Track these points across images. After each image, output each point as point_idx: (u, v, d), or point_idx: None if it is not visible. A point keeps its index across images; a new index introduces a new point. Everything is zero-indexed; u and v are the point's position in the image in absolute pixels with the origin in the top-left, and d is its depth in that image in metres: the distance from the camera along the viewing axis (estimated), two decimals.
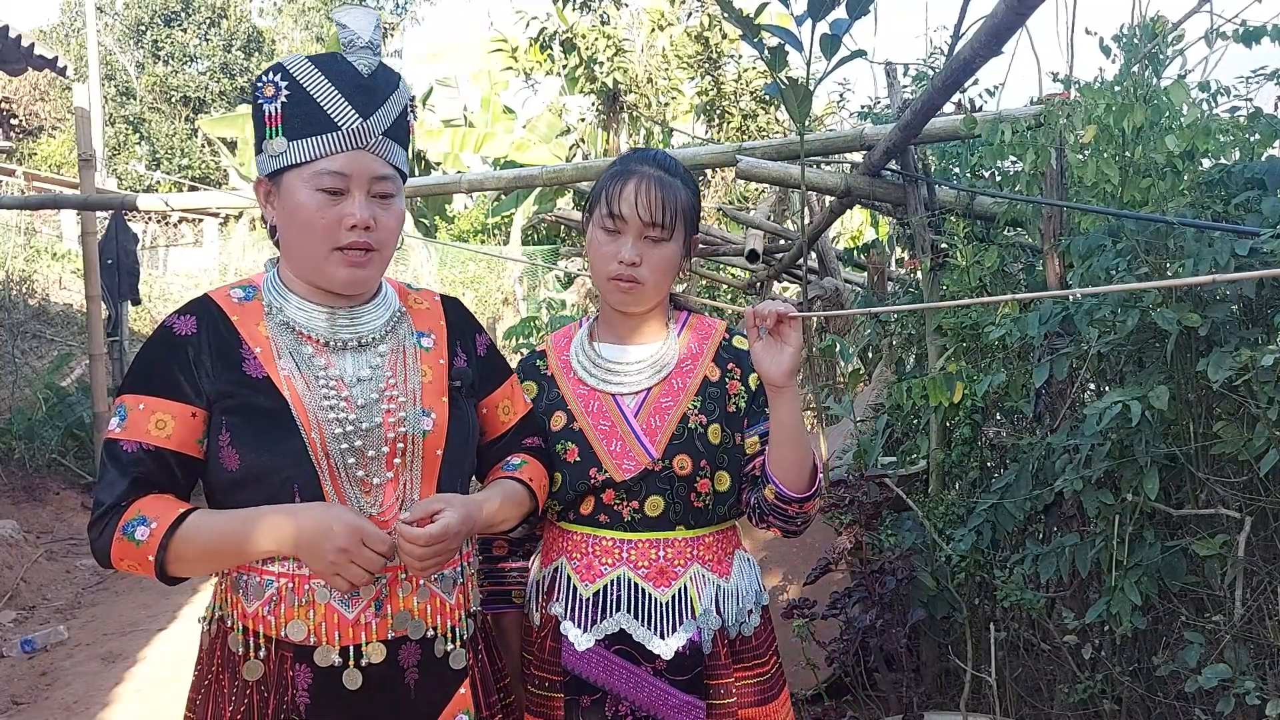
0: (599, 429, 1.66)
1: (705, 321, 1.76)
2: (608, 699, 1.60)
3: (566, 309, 12.92)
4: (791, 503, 1.57)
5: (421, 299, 1.61)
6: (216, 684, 1.43)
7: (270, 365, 1.42)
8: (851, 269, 6.01)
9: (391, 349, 1.49)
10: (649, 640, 1.60)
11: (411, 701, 1.42)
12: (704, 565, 1.65)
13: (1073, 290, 2.30)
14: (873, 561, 2.80)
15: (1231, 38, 2.42)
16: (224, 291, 1.50)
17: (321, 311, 1.47)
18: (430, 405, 1.48)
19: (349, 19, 1.42)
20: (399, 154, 1.46)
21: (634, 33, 9.64)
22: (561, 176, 4.40)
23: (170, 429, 1.39)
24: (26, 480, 6.52)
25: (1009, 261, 3.15)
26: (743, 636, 1.68)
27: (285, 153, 1.40)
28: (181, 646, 4.20)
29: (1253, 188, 2.22)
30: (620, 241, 1.62)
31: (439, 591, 1.45)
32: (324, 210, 1.39)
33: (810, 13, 2.07)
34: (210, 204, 7.67)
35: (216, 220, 17.02)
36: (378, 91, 1.41)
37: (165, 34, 23.32)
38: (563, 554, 1.68)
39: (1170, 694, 2.35)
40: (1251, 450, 2.06)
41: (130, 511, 1.37)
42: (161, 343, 1.44)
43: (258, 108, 1.43)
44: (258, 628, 1.39)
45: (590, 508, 1.66)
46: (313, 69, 1.40)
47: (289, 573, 1.39)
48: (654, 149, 1.73)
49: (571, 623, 1.63)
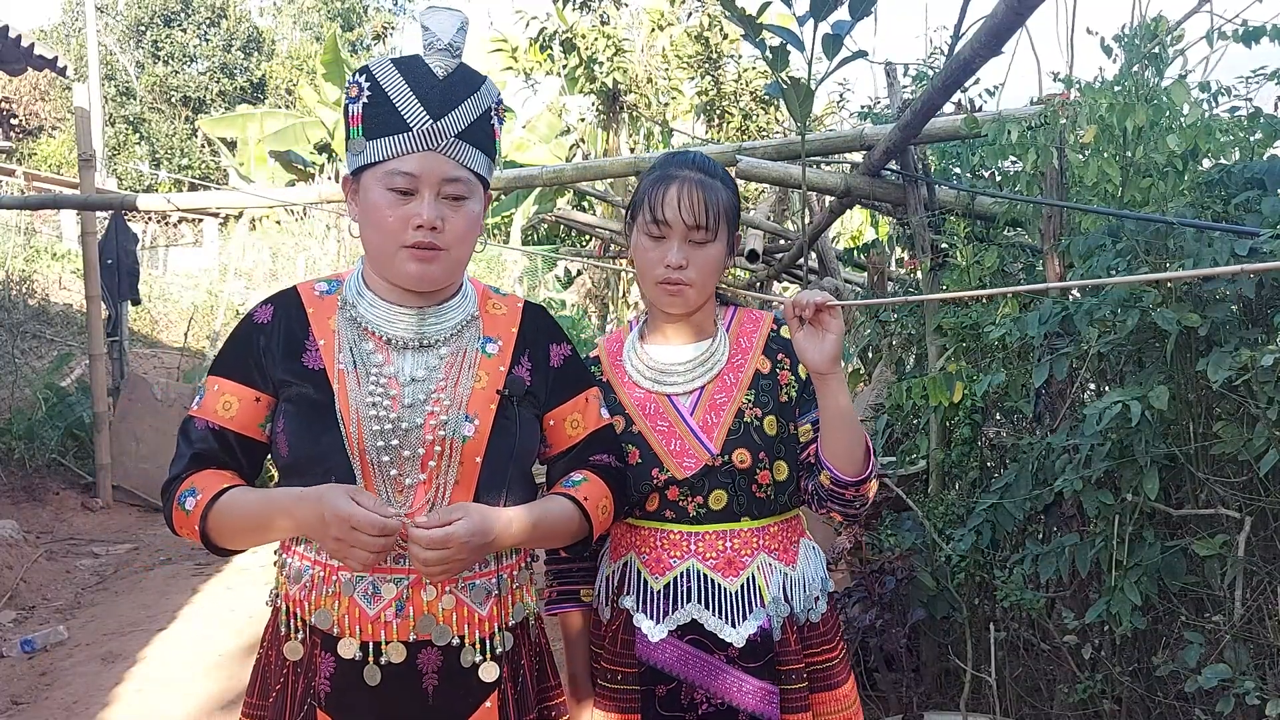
0: (657, 430, 1.69)
1: (752, 314, 1.79)
2: (683, 688, 1.65)
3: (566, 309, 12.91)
4: (848, 487, 1.58)
5: (502, 304, 1.60)
6: (267, 659, 1.49)
7: (329, 358, 1.46)
8: (851, 269, 6.01)
9: (452, 351, 1.50)
10: (720, 629, 1.64)
11: (429, 707, 1.42)
12: (770, 554, 1.69)
13: (1071, 283, 2.30)
14: (873, 561, 2.81)
15: (1232, 38, 2.42)
16: (310, 284, 1.56)
17: (394, 309, 1.49)
18: (475, 411, 1.46)
19: (432, 21, 1.43)
20: (476, 157, 1.46)
21: (634, 33, 9.63)
22: (562, 176, 4.40)
23: (235, 410, 1.47)
24: (26, 480, 6.51)
25: (1009, 261, 3.15)
26: (810, 623, 1.72)
27: (364, 152, 1.43)
28: (181, 646, 4.20)
29: (1253, 188, 2.22)
30: (665, 246, 1.65)
31: (467, 600, 1.44)
32: (394, 209, 1.41)
33: (812, 13, 2.08)
34: (210, 204, 7.67)
35: (216, 220, 17.02)
36: (452, 93, 1.42)
37: (165, 34, 23.32)
38: (631, 549, 1.71)
39: (1170, 694, 2.35)
40: (1251, 450, 2.06)
41: (186, 483, 1.45)
42: (242, 328, 1.51)
43: (345, 108, 1.47)
44: (296, 610, 1.44)
45: (656, 504, 1.69)
46: (393, 70, 1.43)
47: (323, 560, 1.43)
48: (692, 151, 1.75)
49: (644, 615, 1.66)
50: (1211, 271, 1.49)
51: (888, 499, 3.15)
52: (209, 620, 4.51)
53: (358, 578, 1.41)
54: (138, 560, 5.68)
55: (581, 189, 9.35)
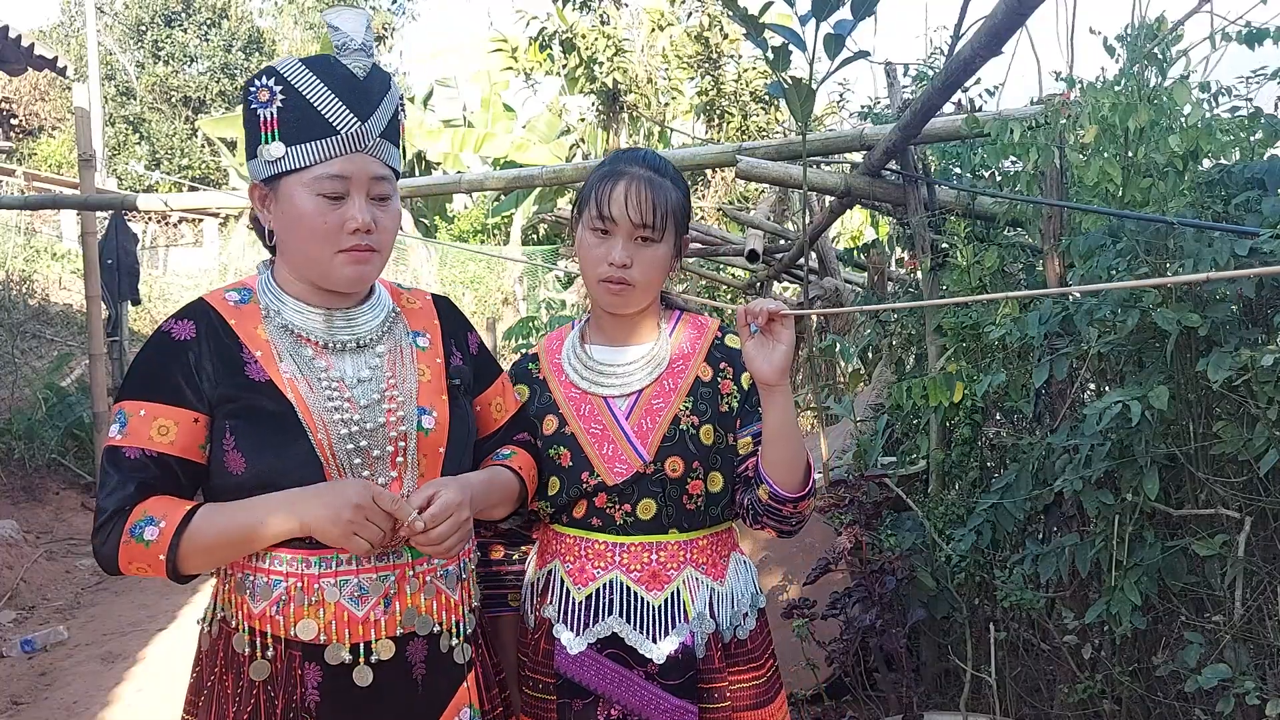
0: (590, 432, 1.65)
1: (698, 320, 1.75)
2: (600, 702, 1.60)
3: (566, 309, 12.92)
4: (786, 503, 1.56)
5: (414, 298, 1.62)
6: (220, 685, 1.43)
7: (272, 368, 1.42)
8: (851, 269, 6.01)
9: (389, 349, 1.50)
10: (641, 644, 1.59)
11: (419, 696, 1.44)
12: (698, 568, 1.64)
13: (1071, 288, 2.30)
14: (873, 561, 2.80)
15: (1235, 38, 2.42)
16: (219, 295, 1.50)
17: (318, 313, 1.47)
18: (430, 404, 1.49)
19: (340, 21, 1.41)
20: (394, 154, 1.47)
21: (634, 33, 9.63)
22: (562, 176, 4.40)
23: (173, 435, 1.39)
24: (26, 480, 6.51)
25: (1009, 261, 3.15)
26: (738, 640, 1.67)
27: (283, 158, 1.39)
28: (181, 646, 4.20)
29: (1253, 188, 2.22)
30: (610, 243, 1.61)
31: (444, 588, 1.47)
32: (325, 214, 1.40)
33: (814, 12, 2.07)
34: (210, 204, 7.67)
35: (216, 220, 17.03)
36: (373, 93, 1.42)
37: (165, 34, 23.32)
38: (556, 557, 1.68)
39: (1170, 694, 2.35)
40: (1251, 450, 2.06)
41: (136, 514, 1.36)
42: (160, 348, 1.43)
43: (251, 112, 1.42)
44: (265, 628, 1.40)
45: (583, 511, 1.65)
46: (307, 72, 1.40)
47: (297, 573, 1.40)
48: (642, 149, 1.73)
49: (564, 626, 1.62)
50: (1214, 276, 1.49)
51: (888, 499, 3.15)
52: None
53: (343, 581, 1.40)
54: None
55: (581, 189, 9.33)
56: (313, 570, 1.40)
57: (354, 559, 1.40)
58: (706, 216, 9.05)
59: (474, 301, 14.13)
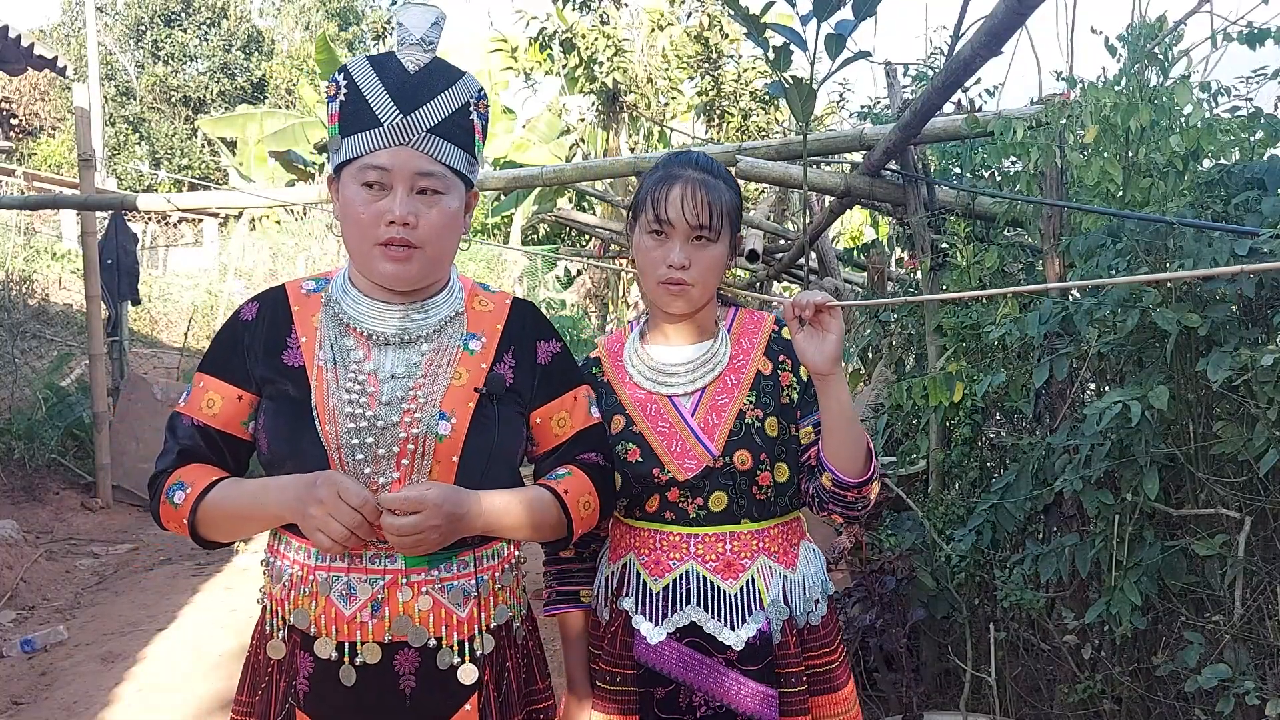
0: (658, 430, 1.68)
1: (754, 315, 1.79)
2: (681, 690, 1.65)
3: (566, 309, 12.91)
4: (850, 489, 1.58)
5: (489, 301, 1.58)
6: (255, 658, 1.51)
7: (309, 355, 1.46)
8: (851, 269, 6.01)
9: (434, 348, 1.48)
10: (719, 632, 1.64)
11: (407, 709, 1.42)
12: (770, 557, 1.68)
13: (1070, 284, 2.30)
14: (873, 561, 2.81)
15: (1236, 38, 2.42)
16: (298, 282, 1.56)
17: (376, 305, 1.49)
18: (452, 409, 1.44)
19: (406, 17, 1.44)
20: (453, 152, 1.44)
21: (634, 33, 9.63)
22: (562, 176, 4.40)
23: (218, 408, 1.48)
24: (26, 480, 6.51)
25: (1009, 261, 3.15)
26: (810, 625, 1.71)
27: (341, 149, 1.44)
28: (181, 646, 4.20)
29: (1253, 188, 2.22)
30: (668, 246, 1.64)
31: (445, 601, 1.43)
32: (367, 205, 1.41)
33: (815, 12, 2.08)
34: (210, 204, 7.67)
35: (216, 220, 17.03)
36: (424, 88, 1.42)
37: (165, 34, 23.33)
38: (630, 550, 1.71)
39: (1170, 694, 2.35)
40: (1251, 450, 2.06)
41: (174, 477, 1.46)
42: (228, 326, 1.52)
43: (327, 108, 1.48)
44: (279, 609, 1.45)
45: (655, 505, 1.69)
46: (367, 68, 1.43)
47: (300, 560, 1.44)
48: (694, 151, 1.74)
49: (643, 617, 1.66)
50: (1212, 272, 1.49)
51: (888, 499, 3.15)
52: (209, 620, 4.51)
53: (334, 577, 1.41)
54: (138, 560, 5.68)
55: (581, 189, 9.35)
56: (311, 560, 1.43)
57: (346, 556, 1.41)
58: None
59: None
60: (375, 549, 1.42)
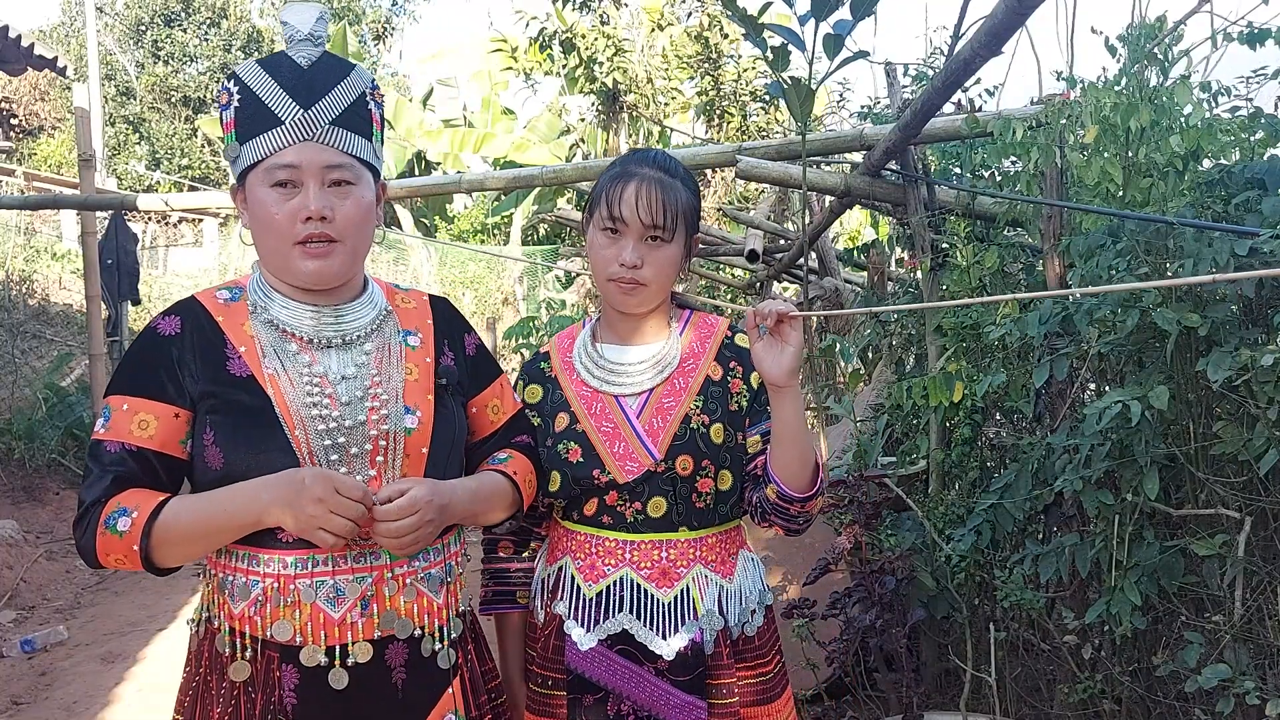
0: (602, 430, 1.66)
1: (707, 320, 1.76)
2: (610, 698, 1.62)
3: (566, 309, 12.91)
4: (794, 502, 1.57)
5: (409, 298, 1.61)
6: (204, 685, 1.43)
7: (255, 364, 1.42)
8: (851, 269, 6.01)
9: (377, 347, 1.49)
10: (651, 640, 1.61)
11: (399, 701, 1.42)
12: (707, 566, 1.66)
13: (1072, 290, 2.30)
14: (873, 561, 2.80)
15: (1236, 39, 2.42)
16: (210, 293, 1.51)
17: (306, 309, 1.47)
18: (415, 403, 1.47)
19: (290, 14, 1.43)
20: (358, 143, 1.43)
21: (634, 33, 9.64)
22: (562, 176, 4.39)
23: (153, 429, 1.39)
24: (26, 480, 6.51)
25: (1009, 261, 3.15)
26: (745, 636, 1.69)
27: (241, 155, 1.41)
28: (181, 646, 4.19)
29: (1253, 188, 2.22)
30: (621, 243, 1.62)
31: (426, 590, 1.45)
32: (279, 205, 1.39)
33: (813, 12, 2.08)
34: (210, 204, 7.67)
35: (216, 220, 17.02)
36: (318, 81, 1.41)
37: (165, 34, 23.33)
38: (567, 554, 1.69)
39: (1170, 694, 2.35)
40: (1251, 450, 2.06)
41: (110, 505, 1.36)
42: (146, 343, 1.44)
43: (220, 118, 1.45)
44: (244, 628, 1.39)
45: (594, 509, 1.66)
46: (258, 70, 1.41)
47: (274, 573, 1.39)
48: (653, 149, 1.73)
49: (575, 622, 1.64)
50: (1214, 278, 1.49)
51: (888, 499, 3.14)
52: None
53: (319, 583, 1.39)
54: None
55: (581, 189, 9.34)
56: (289, 571, 1.39)
57: (330, 559, 1.39)
58: (706, 216, 9.04)
59: (474, 301, 14.13)
60: (358, 547, 1.41)
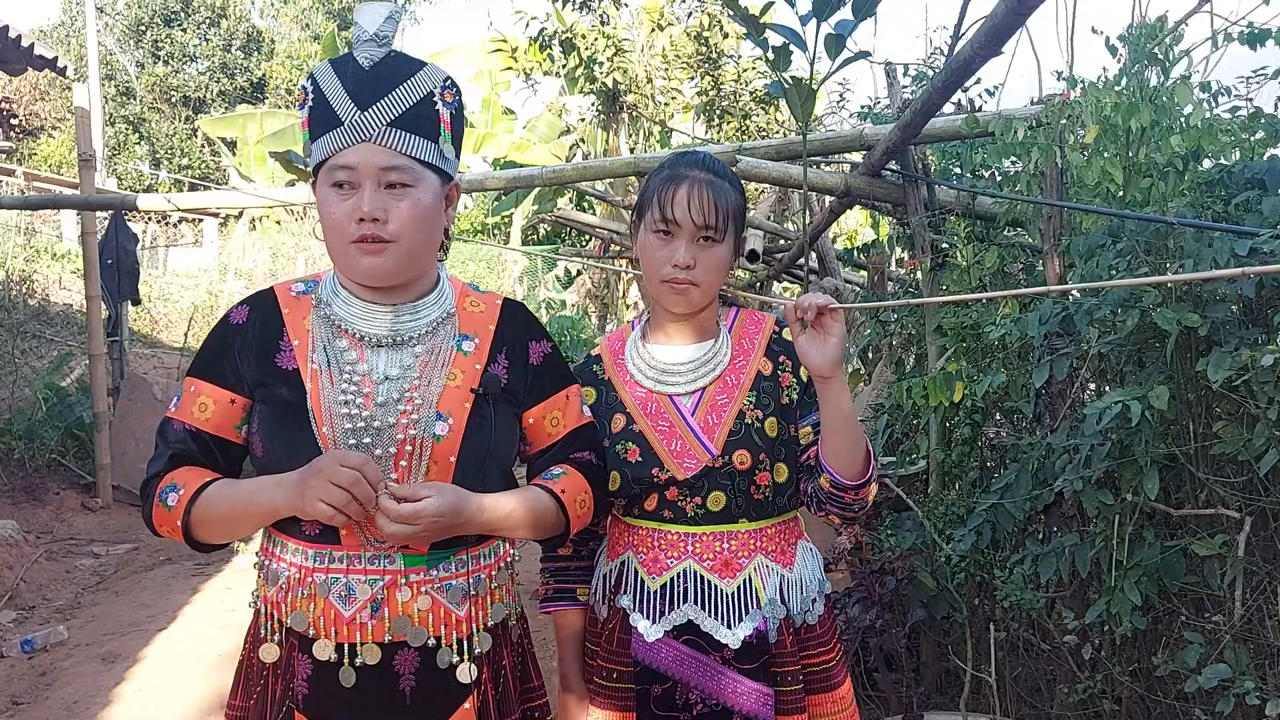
0: (658, 429, 1.69)
1: (755, 315, 1.80)
2: (678, 688, 1.66)
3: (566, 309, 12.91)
4: (847, 490, 1.59)
5: (480, 301, 1.58)
6: (248, 661, 1.50)
7: (302, 358, 1.45)
8: (851, 269, 6.01)
9: (427, 350, 1.48)
10: (717, 630, 1.65)
11: (408, 709, 1.42)
12: (767, 556, 1.69)
13: (1070, 286, 2.30)
14: (873, 561, 2.81)
15: (1236, 39, 2.42)
16: (287, 284, 1.55)
17: (362, 306, 1.48)
18: (448, 410, 1.45)
19: (360, 15, 1.44)
20: (418, 143, 1.42)
21: (634, 33, 9.63)
22: (562, 176, 4.40)
23: (210, 413, 1.47)
24: (26, 480, 6.51)
25: (1009, 261, 3.15)
26: (807, 624, 1.72)
27: (313, 154, 1.44)
28: (182, 646, 4.20)
29: (1253, 188, 2.22)
30: (673, 245, 1.65)
31: (444, 601, 1.44)
32: (338, 205, 1.41)
33: (815, 12, 2.08)
34: (210, 204, 7.67)
35: (216, 220, 17.03)
36: (380, 82, 1.41)
37: (165, 34, 23.33)
38: (629, 548, 1.72)
39: (1170, 694, 2.35)
40: (1251, 450, 2.06)
41: (166, 480, 1.45)
42: (218, 330, 1.51)
43: (302, 116, 1.48)
44: (274, 612, 1.44)
45: (654, 504, 1.70)
46: (328, 70, 1.44)
47: (298, 563, 1.43)
48: (699, 152, 1.75)
49: (640, 614, 1.67)
50: (1213, 275, 1.49)
51: (888, 499, 3.14)
52: (209, 620, 4.51)
53: (333, 579, 1.41)
54: (138, 560, 5.68)
55: (581, 189, 9.34)
56: (308, 563, 1.42)
57: (345, 558, 1.40)
58: None
59: None
60: (374, 549, 1.42)
